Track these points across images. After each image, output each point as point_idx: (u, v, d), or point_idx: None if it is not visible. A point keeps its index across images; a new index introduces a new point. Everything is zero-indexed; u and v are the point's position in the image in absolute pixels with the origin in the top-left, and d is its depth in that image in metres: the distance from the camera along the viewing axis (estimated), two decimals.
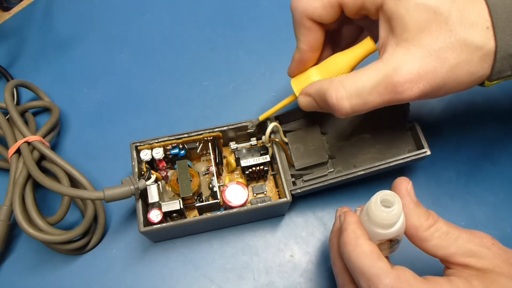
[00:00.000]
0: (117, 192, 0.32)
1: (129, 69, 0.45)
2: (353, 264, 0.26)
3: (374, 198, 0.26)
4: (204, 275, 0.36)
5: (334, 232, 0.30)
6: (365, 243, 0.26)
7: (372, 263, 0.25)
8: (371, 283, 0.24)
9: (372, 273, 0.25)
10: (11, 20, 0.47)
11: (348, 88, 0.28)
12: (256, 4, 0.48)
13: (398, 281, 0.24)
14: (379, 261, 0.25)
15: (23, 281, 0.36)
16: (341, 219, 0.28)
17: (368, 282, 0.25)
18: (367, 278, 0.25)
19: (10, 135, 0.36)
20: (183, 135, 0.35)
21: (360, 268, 0.25)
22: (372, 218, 0.26)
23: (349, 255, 0.26)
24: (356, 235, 0.26)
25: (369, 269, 0.25)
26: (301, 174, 0.36)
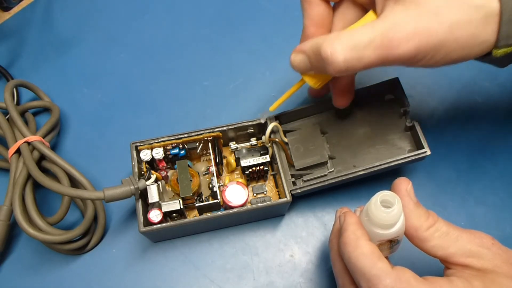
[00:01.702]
0: (117, 192, 0.32)
1: (129, 69, 0.45)
2: (353, 265, 0.25)
3: (374, 198, 0.26)
4: (204, 275, 0.36)
5: (334, 233, 0.30)
6: (365, 244, 0.26)
7: (372, 264, 0.25)
8: (371, 284, 0.24)
9: (373, 273, 0.25)
10: (11, 20, 0.47)
11: (343, 41, 0.27)
12: (256, 4, 0.48)
13: (399, 282, 0.24)
14: (379, 262, 0.25)
15: (23, 281, 0.36)
16: (341, 220, 0.28)
17: (368, 283, 0.25)
18: (368, 279, 0.25)
19: (10, 135, 0.36)
20: (183, 135, 0.35)
21: (360, 269, 0.25)
22: (372, 219, 0.26)
23: (349, 256, 0.26)
24: (356, 236, 0.26)
25: (369, 270, 0.25)
26: (301, 174, 0.36)
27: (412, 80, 0.43)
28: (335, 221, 0.31)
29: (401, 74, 0.37)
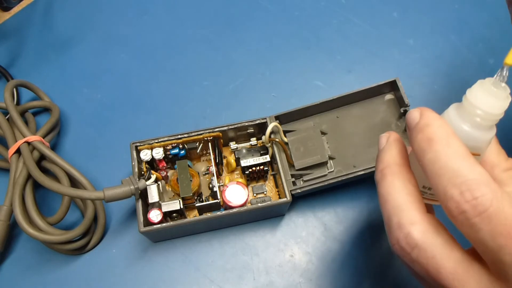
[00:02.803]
0: (117, 192, 0.32)
1: (129, 69, 0.45)
2: (442, 165, 0.20)
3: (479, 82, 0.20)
4: (204, 275, 0.36)
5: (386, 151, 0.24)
6: (460, 143, 0.21)
7: (471, 166, 0.20)
8: (467, 188, 0.19)
9: (471, 178, 0.19)
10: (11, 20, 0.47)
11: None
12: (256, 4, 0.48)
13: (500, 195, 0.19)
14: (478, 166, 0.20)
15: (23, 281, 0.36)
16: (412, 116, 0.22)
17: (462, 187, 0.19)
18: (462, 183, 0.19)
19: (10, 135, 0.36)
20: (183, 135, 0.35)
21: (454, 171, 0.20)
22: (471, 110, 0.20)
23: (437, 155, 0.20)
24: (446, 131, 0.21)
25: (467, 173, 0.19)
26: (301, 174, 0.36)
27: (412, 80, 0.43)
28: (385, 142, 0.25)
29: (401, 74, 0.37)
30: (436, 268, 0.21)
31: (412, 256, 0.21)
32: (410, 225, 0.21)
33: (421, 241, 0.21)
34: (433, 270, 0.21)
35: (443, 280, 0.20)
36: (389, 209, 0.22)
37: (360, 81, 0.43)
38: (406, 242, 0.21)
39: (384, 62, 0.44)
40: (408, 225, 0.21)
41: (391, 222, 0.22)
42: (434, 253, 0.21)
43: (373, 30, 0.46)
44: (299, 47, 0.45)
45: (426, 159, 0.21)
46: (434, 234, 0.21)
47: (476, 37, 0.46)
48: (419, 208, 0.22)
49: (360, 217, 0.38)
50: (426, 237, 0.21)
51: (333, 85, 0.43)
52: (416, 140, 0.22)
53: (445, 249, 0.21)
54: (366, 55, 0.45)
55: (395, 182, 0.23)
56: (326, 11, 0.47)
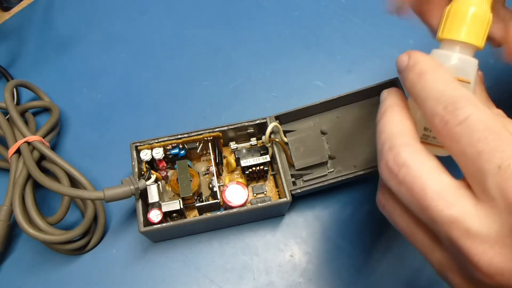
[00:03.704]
0: (117, 192, 0.32)
1: (129, 69, 0.45)
2: (430, 89, 0.21)
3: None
4: (204, 275, 0.36)
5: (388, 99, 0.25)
6: (445, 71, 0.22)
7: (455, 88, 0.21)
8: (449, 103, 0.20)
9: (454, 95, 0.20)
10: (11, 20, 0.47)
11: None
12: (256, 4, 0.48)
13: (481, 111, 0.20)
14: (463, 88, 0.21)
15: (23, 281, 0.36)
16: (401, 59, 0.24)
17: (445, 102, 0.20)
18: (446, 99, 0.20)
19: (10, 135, 0.36)
20: (183, 135, 0.35)
21: (439, 91, 0.21)
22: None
23: (426, 83, 0.22)
24: (433, 64, 0.22)
25: (451, 92, 0.21)
26: (301, 174, 0.36)
27: None
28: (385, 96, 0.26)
29: None
30: (422, 187, 0.20)
31: (399, 176, 0.21)
32: (401, 147, 0.21)
33: (410, 160, 0.21)
34: (418, 189, 0.20)
35: (428, 201, 0.20)
36: (383, 137, 0.23)
37: (360, 81, 0.43)
38: (395, 161, 0.21)
39: (384, 62, 0.44)
40: (399, 146, 0.22)
41: (383, 148, 0.22)
42: (422, 173, 0.20)
43: (373, 30, 0.46)
44: (299, 47, 0.45)
45: (417, 90, 0.22)
46: (424, 157, 0.21)
47: None
48: (413, 136, 0.22)
49: (360, 217, 0.38)
50: (415, 157, 0.21)
51: (333, 85, 0.43)
52: (408, 78, 0.23)
53: (433, 171, 0.21)
54: (366, 55, 0.45)
55: (394, 117, 0.23)
56: (326, 11, 0.47)
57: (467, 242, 0.19)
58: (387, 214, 0.24)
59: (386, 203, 0.24)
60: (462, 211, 0.19)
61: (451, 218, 0.19)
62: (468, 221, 0.19)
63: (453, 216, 0.19)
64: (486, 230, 0.18)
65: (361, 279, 0.35)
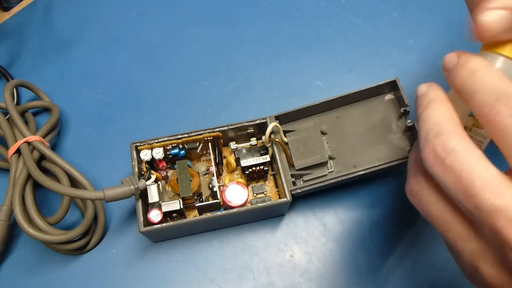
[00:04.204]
0: (117, 192, 0.32)
1: (129, 69, 0.45)
2: (482, 82, 0.21)
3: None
4: (204, 275, 0.36)
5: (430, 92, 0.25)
6: (498, 70, 0.22)
7: (509, 83, 0.21)
8: (501, 95, 0.20)
9: (509, 89, 0.20)
10: (11, 20, 0.47)
11: None
12: (256, 4, 0.48)
13: None
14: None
15: (23, 281, 0.36)
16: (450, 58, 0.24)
17: (498, 94, 0.20)
18: (499, 91, 0.20)
19: (10, 135, 0.36)
20: (183, 135, 0.35)
21: (491, 85, 0.21)
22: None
23: (478, 78, 0.22)
24: (485, 63, 0.22)
25: (505, 86, 0.21)
26: (301, 174, 0.36)
27: (412, 80, 0.43)
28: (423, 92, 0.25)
29: (401, 74, 0.37)
30: (470, 175, 0.20)
31: (447, 161, 0.21)
32: (450, 133, 0.21)
33: (458, 146, 0.21)
34: (467, 177, 0.20)
35: (476, 189, 0.19)
36: (428, 125, 0.22)
37: (360, 81, 0.43)
38: (443, 147, 0.21)
39: (384, 62, 0.44)
40: (448, 133, 0.21)
41: (428, 135, 0.22)
42: (470, 160, 0.20)
43: (373, 30, 0.46)
44: (299, 47, 0.45)
45: (468, 84, 0.22)
46: (472, 145, 0.21)
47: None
48: (460, 126, 0.22)
49: (360, 217, 0.38)
50: (464, 145, 0.21)
51: (333, 85, 0.43)
52: (459, 74, 0.23)
53: (481, 160, 0.20)
54: (366, 55, 0.45)
55: (439, 108, 0.23)
56: (326, 11, 0.47)
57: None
58: (420, 202, 0.24)
59: (420, 191, 0.24)
60: (510, 202, 0.19)
61: (498, 208, 0.19)
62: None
63: (500, 205, 0.19)
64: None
65: (361, 279, 0.35)
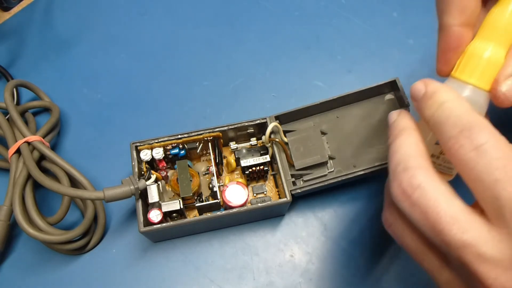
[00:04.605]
0: (117, 192, 0.32)
1: (129, 69, 0.45)
2: (447, 115, 0.21)
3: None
4: (204, 275, 0.36)
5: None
6: (464, 101, 0.22)
7: (474, 114, 0.21)
8: (464, 128, 0.20)
9: (470, 120, 0.21)
10: (11, 20, 0.47)
11: None
12: (256, 4, 0.48)
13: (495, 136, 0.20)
14: (479, 115, 0.21)
15: (23, 281, 0.36)
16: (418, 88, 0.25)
17: (461, 128, 0.20)
18: (462, 125, 0.21)
19: (10, 135, 0.36)
20: (183, 135, 0.35)
21: (455, 117, 0.21)
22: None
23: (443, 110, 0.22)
24: (453, 94, 0.23)
25: (467, 117, 0.21)
26: (301, 174, 0.36)
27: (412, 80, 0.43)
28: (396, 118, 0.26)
29: (401, 74, 0.37)
30: (436, 211, 0.20)
31: (413, 197, 0.21)
32: (416, 169, 0.22)
33: (425, 183, 0.21)
34: (433, 213, 0.20)
35: (442, 225, 0.20)
36: (397, 158, 0.23)
37: (360, 81, 0.43)
38: (410, 183, 0.21)
39: (384, 62, 0.44)
40: (414, 168, 0.22)
41: (397, 168, 0.22)
42: (437, 196, 0.20)
43: (373, 30, 0.46)
44: (299, 47, 0.45)
45: (435, 116, 0.22)
46: (438, 180, 0.21)
47: None
48: (427, 159, 0.22)
49: (360, 217, 0.38)
50: (430, 180, 0.21)
51: (333, 85, 0.43)
52: (427, 105, 0.23)
53: (447, 195, 0.21)
54: (366, 55, 0.45)
55: (407, 139, 0.24)
56: (326, 11, 0.47)
57: (480, 266, 0.19)
58: (394, 233, 0.24)
59: (394, 222, 0.24)
60: (476, 236, 0.19)
61: (465, 243, 0.19)
62: (482, 246, 0.19)
63: (467, 241, 0.19)
64: (499, 255, 0.18)
65: (361, 279, 0.35)
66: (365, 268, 0.36)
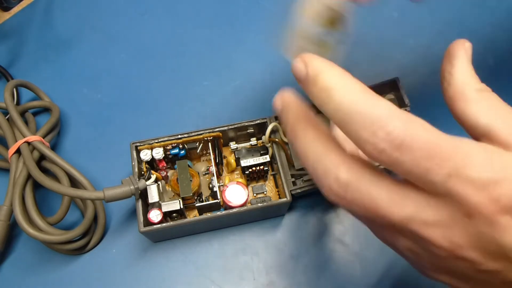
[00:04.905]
0: (117, 192, 0.32)
1: (129, 69, 0.45)
2: (346, 111, 0.20)
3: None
4: (204, 275, 0.36)
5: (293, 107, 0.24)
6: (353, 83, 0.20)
7: (374, 103, 0.19)
8: (376, 127, 0.19)
9: (377, 114, 0.19)
10: (11, 20, 0.47)
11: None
12: (256, 4, 0.48)
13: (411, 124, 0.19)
14: (381, 101, 0.20)
15: (23, 281, 0.36)
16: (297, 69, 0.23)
17: (371, 127, 0.19)
18: (371, 123, 0.19)
19: (10, 135, 0.36)
20: (183, 135, 0.35)
21: (358, 113, 0.19)
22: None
23: (338, 104, 0.20)
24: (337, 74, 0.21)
25: (371, 111, 0.19)
26: (301, 174, 0.36)
27: (412, 80, 0.43)
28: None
29: (401, 74, 0.37)
30: (372, 201, 0.20)
31: (348, 198, 0.21)
32: (336, 168, 0.21)
33: (351, 180, 0.20)
34: (370, 204, 0.20)
35: (382, 210, 0.20)
36: (312, 162, 0.22)
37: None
38: (338, 185, 0.21)
39: (384, 62, 0.44)
40: (334, 168, 0.21)
41: (317, 173, 0.22)
42: (366, 187, 0.20)
43: (373, 30, 0.46)
44: None
45: (330, 111, 0.20)
46: (361, 169, 0.21)
47: (476, 37, 0.46)
48: (339, 151, 0.21)
49: None
50: (354, 174, 0.21)
51: None
52: (313, 93, 0.21)
53: (375, 181, 0.20)
54: (366, 55, 0.45)
55: (308, 136, 0.22)
56: None
57: (427, 231, 0.19)
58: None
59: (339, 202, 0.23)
60: (415, 208, 0.20)
61: (408, 217, 0.20)
62: (422, 214, 0.19)
63: (408, 214, 0.20)
64: (440, 217, 0.19)
65: (362, 279, 0.35)
66: (365, 268, 0.36)
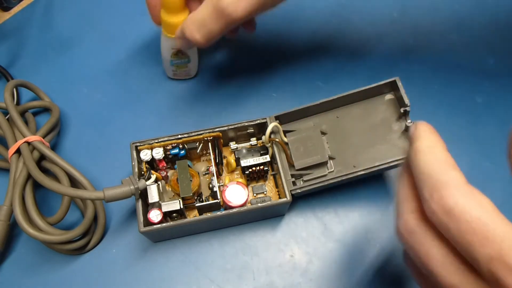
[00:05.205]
0: (117, 192, 0.32)
1: (129, 69, 0.45)
2: (421, 170, 0.22)
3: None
4: (204, 275, 0.36)
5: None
6: (438, 152, 0.23)
7: (444, 170, 0.21)
8: (435, 190, 0.21)
9: (441, 180, 0.21)
10: (11, 20, 0.47)
11: (194, 22, 0.32)
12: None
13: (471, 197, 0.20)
14: (452, 171, 0.21)
15: (23, 281, 0.36)
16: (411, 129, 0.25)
17: (432, 188, 0.21)
18: (432, 185, 0.21)
19: (10, 135, 0.36)
20: (183, 135, 0.35)
21: (427, 175, 0.22)
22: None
23: (418, 163, 0.23)
24: (429, 143, 0.23)
25: (438, 176, 0.21)
26: (301, 174, 0.36)
27: (412, 80, 0.43)
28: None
29: (402, 74, 0.37)
30: (428, 256, 0.22)
31: (409, 242, 0.23)
32: (408, 214, 0.23)
33: (416, 229, 0.23)
34: (425, 257, 0.22)
35: (433, 269, 0.21)
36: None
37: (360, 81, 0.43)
38: (405, 228, 0.23)
39: (384, 62, 0.44)
40: (406, 213, 0.23)
41: (397, 209, 0.25)
42: (428, 241, 0.22)
43: (373, 30, 0.46)
44: (299, 47, 0.45)
45: (413, 165, 0.23)
46: (427, 223, 0.22)
47: (476, 37, 0.46)
48: (416, 200, 0.24)
49: (360, 217, 0.38)
50: (422, 227, 0.22)
51: (333, 85, 0.43)
52: (411, 149, 0.24)
53: (437, 240, 0.22)
54: (366, 55, 0.45)
55: (402, 179, 0.25)
56: (326, 11, 0.47)
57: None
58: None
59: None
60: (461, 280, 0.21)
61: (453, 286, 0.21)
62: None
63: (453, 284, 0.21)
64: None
65: (361, 279, 0.35)
66: (365, 268, 0.36)
